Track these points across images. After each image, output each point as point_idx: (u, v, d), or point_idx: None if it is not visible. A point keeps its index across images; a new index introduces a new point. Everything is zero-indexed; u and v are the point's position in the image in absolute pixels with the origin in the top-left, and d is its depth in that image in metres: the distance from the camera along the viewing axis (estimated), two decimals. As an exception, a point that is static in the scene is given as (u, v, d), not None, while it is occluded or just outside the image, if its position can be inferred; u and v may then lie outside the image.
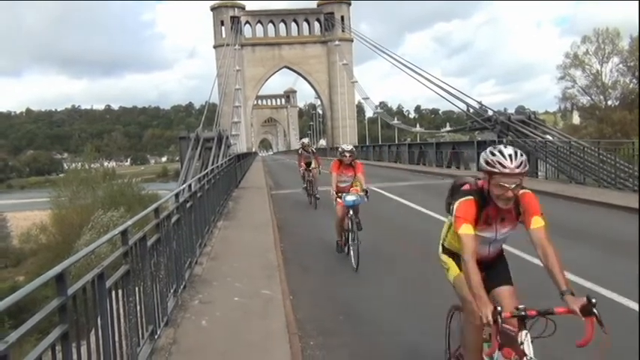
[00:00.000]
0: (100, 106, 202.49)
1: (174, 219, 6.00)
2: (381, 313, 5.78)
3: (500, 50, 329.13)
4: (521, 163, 2.92)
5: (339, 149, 8.45)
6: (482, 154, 3.02)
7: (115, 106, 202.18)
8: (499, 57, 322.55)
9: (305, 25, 74.00)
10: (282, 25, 73.40)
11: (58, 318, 2.66)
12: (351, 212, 7.90)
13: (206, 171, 11.31)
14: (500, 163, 2.90)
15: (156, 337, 4.63)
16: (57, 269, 2.65)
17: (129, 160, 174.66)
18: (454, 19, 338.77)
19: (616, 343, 4.78)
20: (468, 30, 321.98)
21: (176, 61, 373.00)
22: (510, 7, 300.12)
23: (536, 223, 3.03)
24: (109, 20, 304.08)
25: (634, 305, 5.42)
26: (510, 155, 2.90)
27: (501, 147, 2.98)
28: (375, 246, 8.68)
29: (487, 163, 2.95)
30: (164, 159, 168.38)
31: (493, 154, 2.94)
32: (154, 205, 5.34)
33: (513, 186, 2.91)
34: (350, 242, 7.88)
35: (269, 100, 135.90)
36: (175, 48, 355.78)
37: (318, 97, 76.94)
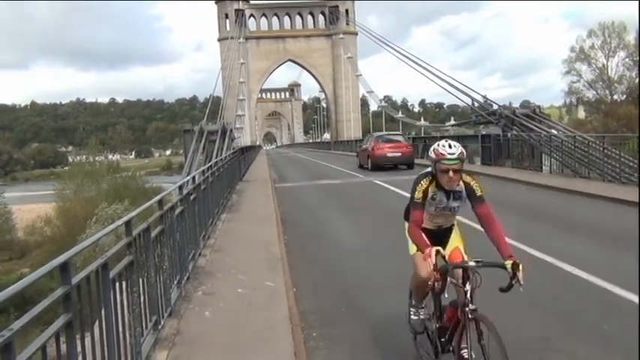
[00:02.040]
0: (105, 99, 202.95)
1: (177, 211, 6.02)
2: (382, 300, 5.80)
3: (507, 43, 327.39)
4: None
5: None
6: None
7: (120, 99, 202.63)
8: (506, 50, 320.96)
9: (309, 18, 73.78)
10: (286, 18, 73.23)
11: (62, 307, 2.68)
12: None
13: (210, 163, 11.34)
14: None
15: (159, 327, 4.66)
16: (61, 258, 2.66)
17: (133, 153, 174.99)
18: (463, 12, 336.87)
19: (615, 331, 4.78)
20: (475, 23, 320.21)
21: (183, 54, 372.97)
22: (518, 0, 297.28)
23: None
24: (117, 12, 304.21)
25: (631, 297, 5.42)
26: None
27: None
28: (377, 236, 8.71)
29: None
30: (168, 152, 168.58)
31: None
32: (158, 197, 5.36)
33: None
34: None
35: (273, 94, 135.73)
36: (182, 41, 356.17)
37: (323, 90, 76.81)
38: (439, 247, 3.39)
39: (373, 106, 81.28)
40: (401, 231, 4.07)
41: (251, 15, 71.78)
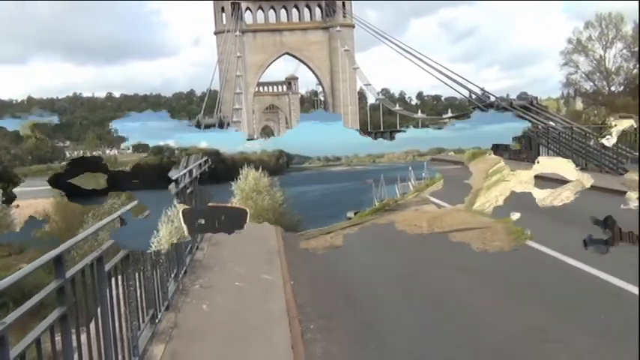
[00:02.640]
0: (102, 94, 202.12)
1: (174, 204, 5.98)
2: (379, 294, 5.80)
3: (505, 36, 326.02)
4: None
5: None
6: None
7: (117, 94, 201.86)
8: (504, 42, 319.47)
9: (306, 11, 73.31)
10: (283, 11, 72.80)
11: (57, 301, 2.67)
12: None
13: (206, 157, 11.27)
14: None
15: (157, 321, 4.65)
16: (55, 252, 2.65)
17: (131, 147, 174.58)
18: (461, 5, 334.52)
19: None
20: (474, 15, 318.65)
21: (180, 48, 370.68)
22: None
23: None
24: (114, 6, 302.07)
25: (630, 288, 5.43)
26: None
27: None
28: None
29: None
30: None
31: None
32: (154, 191, 5.33)
33: None
34: None
35: (270, 87, 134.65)
36: (179, 35, 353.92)
37: (320, 83, 76.38)
38: None
39: (371, 99, 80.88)
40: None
41: (247, 8, 71.28)
